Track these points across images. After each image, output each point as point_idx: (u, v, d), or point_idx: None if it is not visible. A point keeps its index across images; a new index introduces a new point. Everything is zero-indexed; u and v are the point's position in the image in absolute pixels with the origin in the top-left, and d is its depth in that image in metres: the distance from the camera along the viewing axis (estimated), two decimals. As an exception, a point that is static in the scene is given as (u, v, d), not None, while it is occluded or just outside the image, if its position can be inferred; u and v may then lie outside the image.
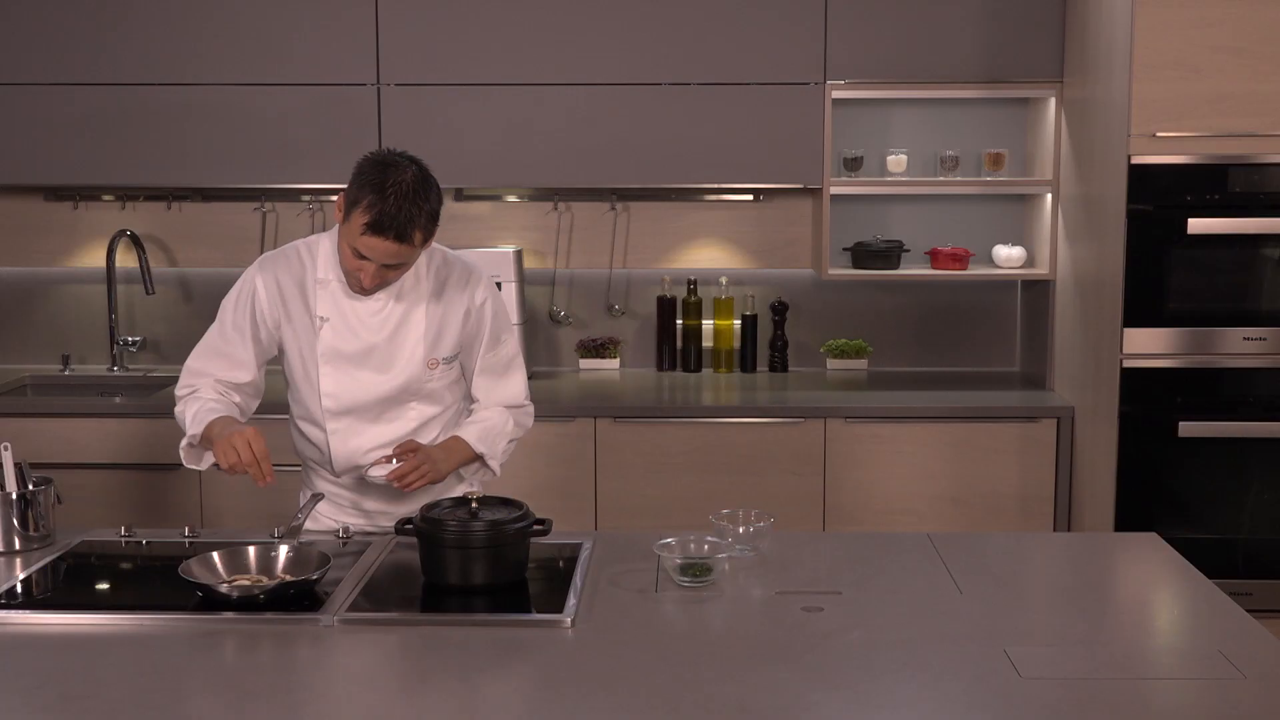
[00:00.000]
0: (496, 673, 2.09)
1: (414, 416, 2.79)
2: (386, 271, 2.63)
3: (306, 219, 4.68)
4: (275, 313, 2.78)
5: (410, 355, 2.75)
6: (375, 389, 2.76)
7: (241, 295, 2.81)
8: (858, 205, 4.61)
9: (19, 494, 2.65)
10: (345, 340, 2.74)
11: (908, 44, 4.24)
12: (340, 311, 2.75)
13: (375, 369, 2.75)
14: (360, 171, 2.60)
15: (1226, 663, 2.12)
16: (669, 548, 2.53)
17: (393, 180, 2.55)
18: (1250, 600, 3.70)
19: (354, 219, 2.57)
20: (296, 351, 2.79)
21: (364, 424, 2.78)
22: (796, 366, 4.72)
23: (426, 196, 2.58)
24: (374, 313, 2.74)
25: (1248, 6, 3.65)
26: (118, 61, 4.30)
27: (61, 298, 4.76)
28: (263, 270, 2.80)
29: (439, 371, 2.78)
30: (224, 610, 2.33)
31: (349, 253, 2.62)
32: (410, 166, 2.59)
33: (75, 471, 4.05)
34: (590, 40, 4.26)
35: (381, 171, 2.57)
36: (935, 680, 2.07)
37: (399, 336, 2.75)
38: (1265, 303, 3.78)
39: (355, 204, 2.56)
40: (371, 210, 2.54)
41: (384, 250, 2.57)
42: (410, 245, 2.58)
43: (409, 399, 2.78)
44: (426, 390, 2.79)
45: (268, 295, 2.78)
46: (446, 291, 2.78)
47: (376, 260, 2.59)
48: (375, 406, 2.77)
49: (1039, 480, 4.12)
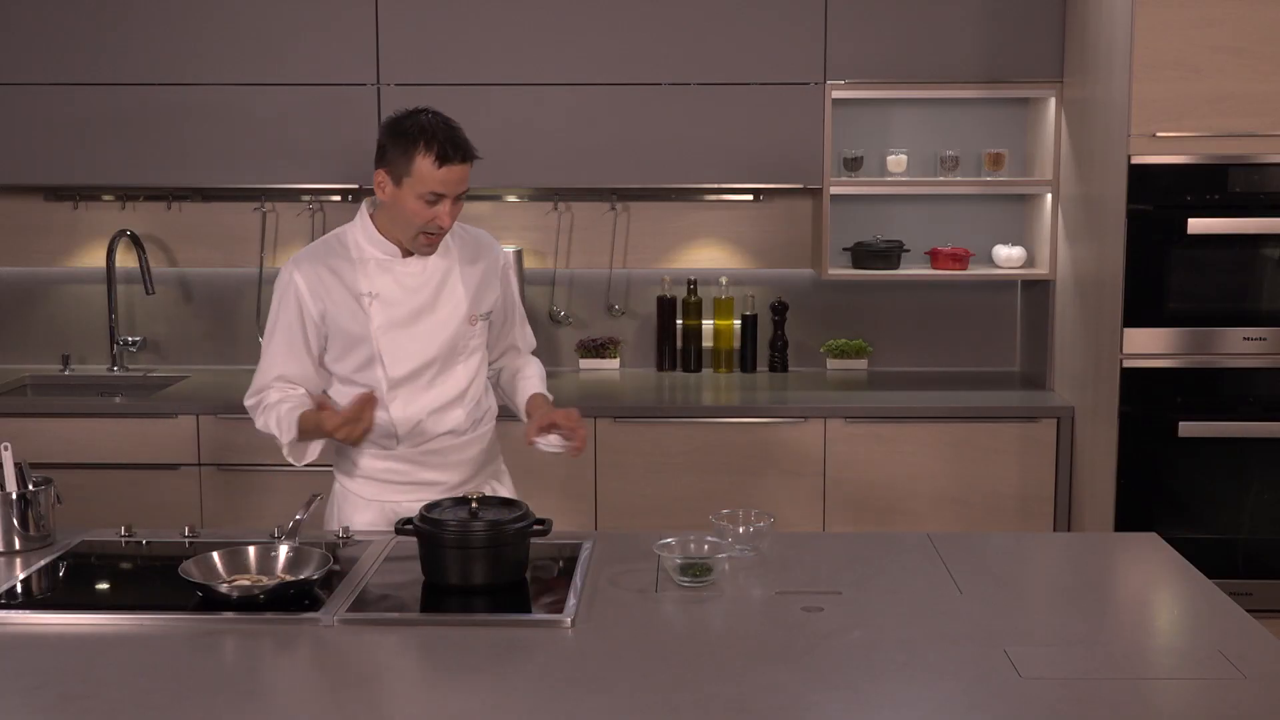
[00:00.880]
0: (496, 673, 2.09)
1: (462, 374, 2.92)
2: (458, 206, 2.78)
3: (306, 219, 4.68)
4: (320, 303, 2.84)
5: (454, 312, 2.88)
6: (428, 350, 2.86)
7: (284, 300, 2.86)
8: (858, 205, 4.61)
9: (19, 494, 2.65)
10: (395, 309, 2.84)
11: (908, 44, 4.24)
12: (385, 284, 2.85)
13: (425, 330, 2.87)
14: (390, 136, 2.73)
15: (1226, 663, 2.12)
16: (669, 548, 2.53)
17: (423, 120, 2.72)
18: (1250, 600, 3.70)
19: (417, 169, 2.70)
20: (346, 334, 2.85)
21: (421, 389, 2.88)
22: (796, 366, 4.72)
23: (456, 123, 2.77)
24: (415, 275, 2.86)
25: (1248, 6, 3.65)
26: (118, 61, 4.30)
27: (61, 298, 4.76)
28: (300, 266, 2.86)
29: (478, 328, 2.93)
30: (224, 610, 2.33)
31: (418, 209, 2.73)
32: (423, 109, 2.75)
33: (75, 471, 4.05)
34: (590, 40, 4.26)
35: (407, 121, 2.73)
36: (935, 680, 2.07)
37: (442, 296, 2.88)
38: (1265, 303, 3.78)
39: (408, 157, 2.70)
40: (431, 147, 2.69)
41: (457, 176, 2.72)
42: (471, 164, 2.76)
43: (456, 357, 2.90)
44: (470, 347, 2.93)
45: (309, 286, 2.84)
46: (473, 252, 2.94)
47: (452, 192, 2.73)
48: (430, 368, 2.87)
49: (1039, 480, 4.12)
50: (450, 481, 2.92)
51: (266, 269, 4.69)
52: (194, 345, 4.76)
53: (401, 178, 2.72)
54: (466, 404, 2.92)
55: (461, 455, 2.93)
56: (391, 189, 2.75)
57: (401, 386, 2.85)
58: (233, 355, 4.75)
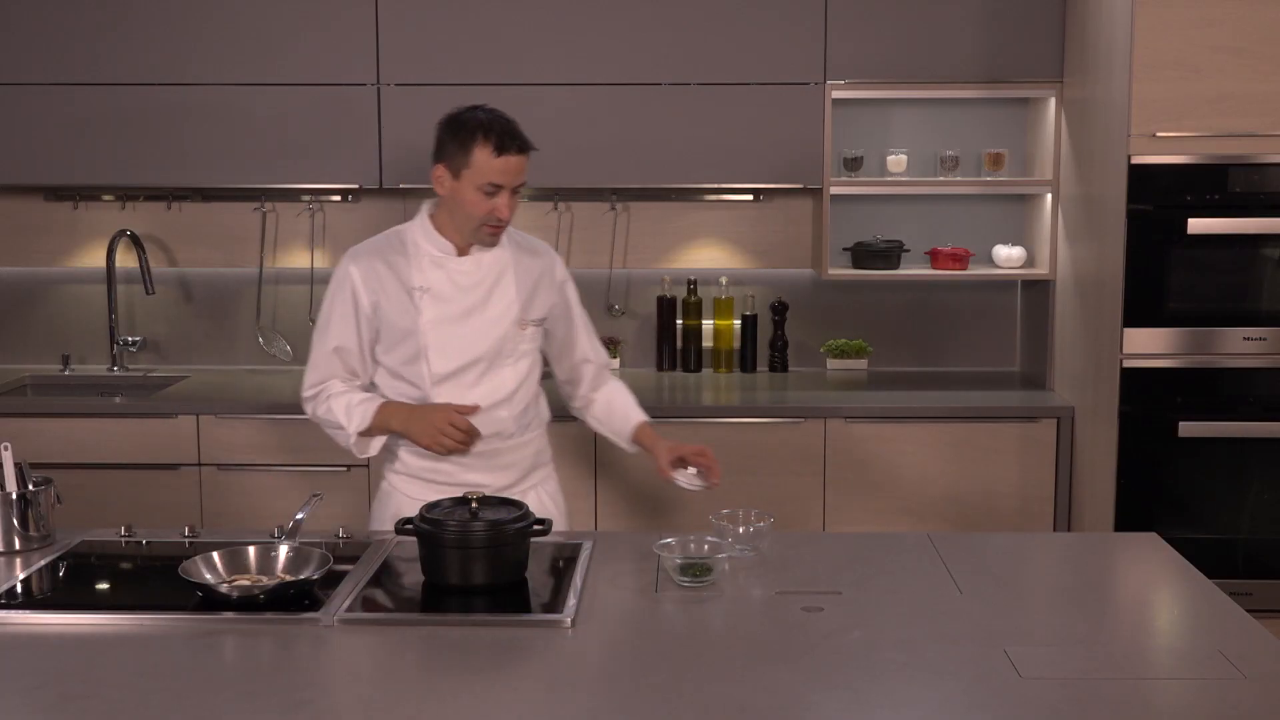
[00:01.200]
0: (496, 673, 2.09)
1: (510, 376, 2.95)
2: (515, 199, 2.85)
3: (306, 219, 4.68)
4: (373, 295, 2.90)
5: (504, 314, 2.92)
6: (475, 349, 2.90)
7: (339, 291, 2.92)
8: (858, 205, 4.61)
9: (19, 494, 2.65)
10: (445, 305, 2.89)
11: (908, 44, 4.24)
12: (437, 280, 2.89)
13: (474, 329, 2.90)
14: (448, 130, 2.82)
15: (1226, 663, 2.12)
16: (669, 548, 2.53)
17: (480, 114, 2.81)
18: (1250, 600, 3.70)
19: (476, 161, 2.77)
20: (396, 327, 2.89)
21: (466, 387, 2.90)
22: (796, 366, 4.72)
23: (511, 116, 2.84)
24: (468, 274, 2.91)
25: (1248, 6, 3.65)
26: (118, 61, 4.30)
27: (61, 298, 4.76)
28: (356, 259, 2.93)
29: (529, 333, 2.97)
30: (224, 610, 2.33)
31: (477, 200, 2.80)
32: (479, 106, 2.84)
33: (75, 471, 4.05)
34: (590, 40, 4.26)
35: (465, 115, 2.81)
36: (935, 680, 2.07)
37: (494, 296, 2.92)
38: (1265, 303, 3.78)
39: (466, 150, 2.77)
40: (489, 139, 2.76)
41: (515, 167, 2.79)
42: (527, 156, 2.82)
43: (503, 359, 2.93)
44: (520, 351, 2.96)
45: (363, 279, 2.90)
46: (531, 259, 3.00)
47: (510, 183, 2.80)
48: (476, 367, 2.91)
49: (1039, 480, 4.12)
50: (495, 484, 2.93)
51: (266, 269, 4.69)
52: (194, 345, 4.76)
53: (460, 170, 2.79)
54: (513, 407, 2.95)
55: (506, 459, 2.96)
56: (450, 182, 2.82)
57: (445, 383, 2.89)
58: (233, 355, 4.75)
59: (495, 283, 2.93)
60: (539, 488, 3.05)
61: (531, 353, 2.99)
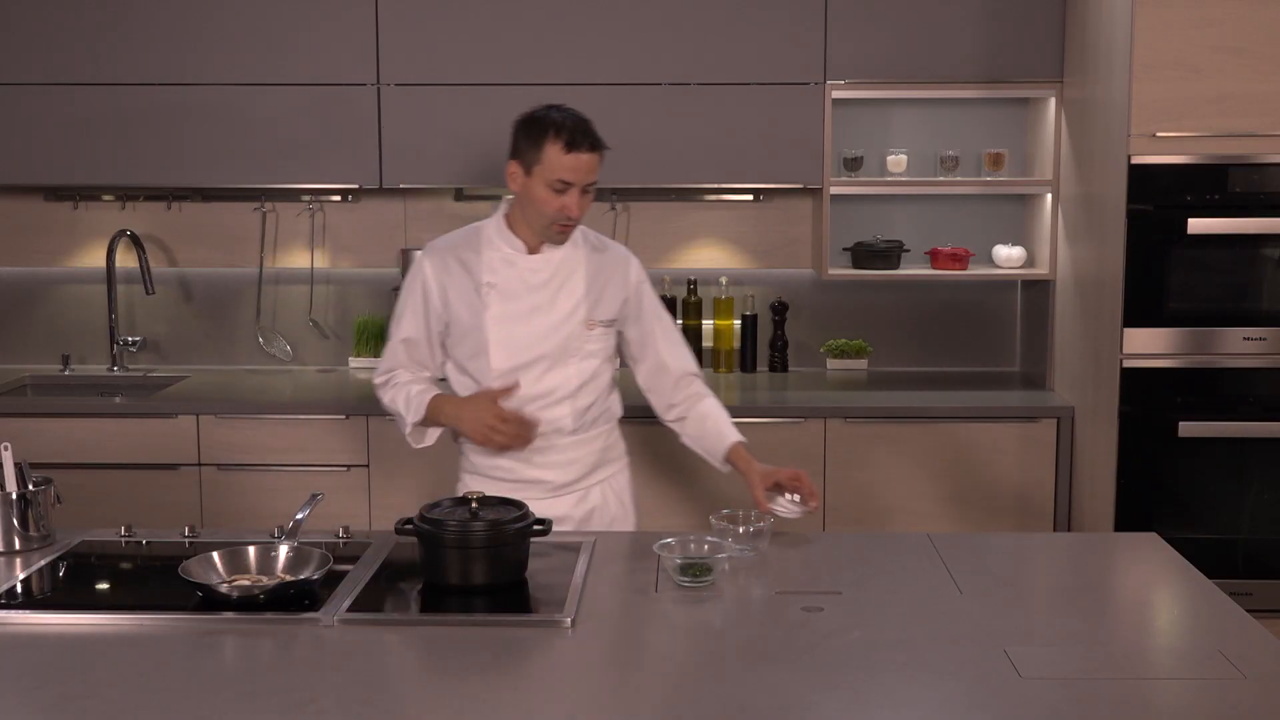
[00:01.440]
0: (496, 673, 2.09)
1: (574, 374, 2.96)
2: (585, 198, 2.86)
3: (306, 219, 4.68)
4: (444, 289, 2.95)
5: (570, 313, 2.94)
6: (538, 347, 2.92)
7: (412, 283, 2.99)
8: (858, 205, 4.61)
9: (19, 494, 2.65)
10: (512, 302, 2.92)
11: (908, 44, 4.24)
12: (506, 276, 2.93)
13: (538, 327, 2.92)
14: (523, 128, 2.85)
15: (1226, 663, 2.12)
16: (669, 548, 2.53)
17: (555, 113, 2.84)
18: (1250, 600, 3.70)
19: (546, 158, 2.80)
20: (462, 321, 2.94)
21: (528, 382, 2.93)
22: (796, 366, 4.72)
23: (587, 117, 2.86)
24: (537, 272, 2.93)
25: (1248, 6, 3.65)
26: (118, 61, 4.30)
27: (61, 298, 4.76)
28: (430, 254, 2.99)
29: (597, 333, 2.97)
30: (224, 610, 2.33)
31: (548, 197, 2.82)
32: (554, 105, 2.87)
33: (75, 471, 4.05)
34: (590, 40, 4.26)
35: (539, 113, 2.85)
36: (935, 680, 2.07)
37: (561, 296, 2.94)
38: (1265, 303, 3.78)
39: (538, 147, 2.81)
40: (560, 136, 2.79)
41: (585, 165, 2.81)
42: (600, 155, 2.85)
43: (568, 357, 2.94)
44: (587, 351, 2.96)
45: (435, 273, 2.95)
46: (602, 260, 3.00)
47: (580, 181, 2.82)
48: (538, 364, 2.93)
49: (1039, 480, 4.12)
50: (555, 481, 2.98)
51: (266, 269, 4.69)
52: (194, 345, 4.76)
53: (532, 166, 2.82)
54: (575, 404, 2.96)
55: (565, 455, 2.98)
56: (522, 179, 2.85)
57: (506, 378, 2.91)
58: (233, 355, 4.75)
59: (564, 282, 2.95)
60: (606, 484, 3.07)
61: (600, 353, 3.00)
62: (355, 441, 4.11)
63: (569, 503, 3.01)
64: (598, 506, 3.05)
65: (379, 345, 4.66)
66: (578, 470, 3.01)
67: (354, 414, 4.11)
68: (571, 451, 2.99)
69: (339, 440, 4.11)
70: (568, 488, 3.00)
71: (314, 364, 4.75)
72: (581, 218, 2.90)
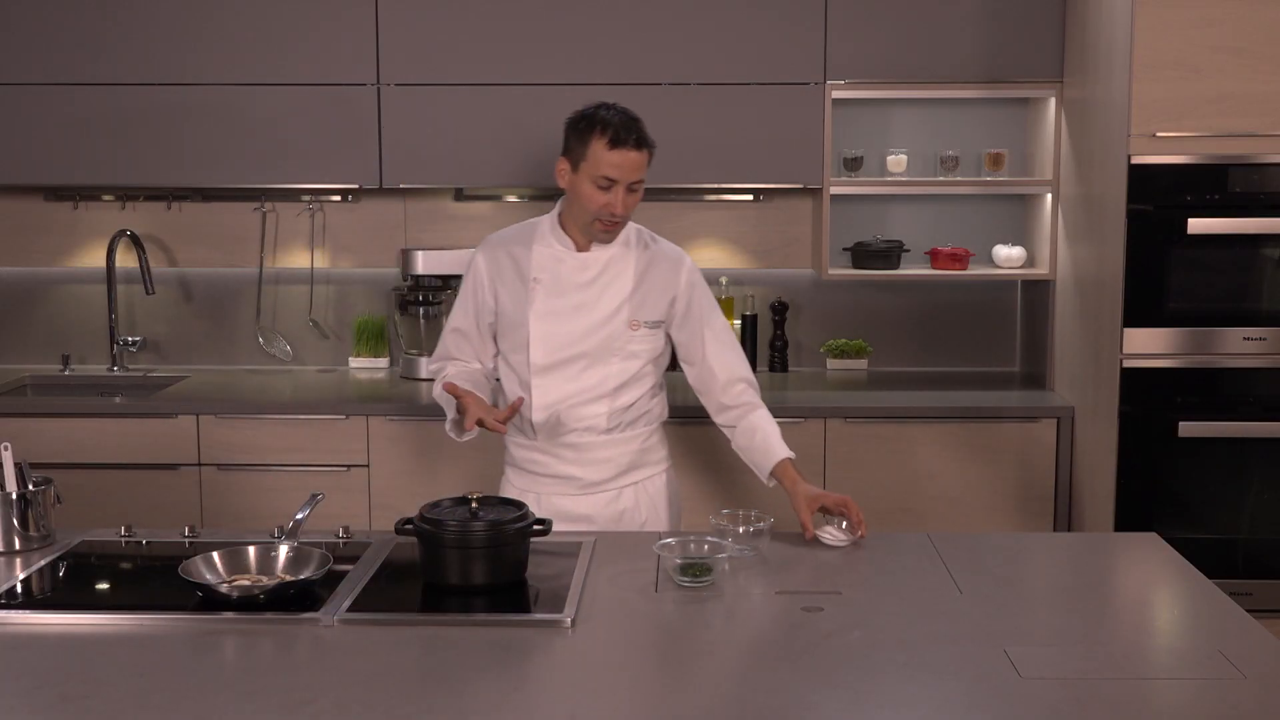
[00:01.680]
0: (496, 673, 2.09)
1: (614, 373, 2.96)
2: (630, 198, 2.87)
3: (306, 219, 4.68)
4: (494, 283, 3.00)
5: (615, 313, 2.95)
6: (579, 344, 2.93)
7: (467, 277, 3.05)
8: (858, 205, 4.61)
9: (19, 494, 2.65)
10: (556, 299, 2.93)
11: (908, 44, 4.24)
12: (553, 271, 2.96)
13: (581, 325, 2.93)
14: (572, 125, 2.89)
15: (1226, 663, 2.12)
16: (669, 548, 2.53)
17: (604, 110, 2.86)
18: (1250, 600, 3.70)
19: (591, 154, 2.83)
20: (509, 315, 2.97)
21: (565, 380, 2.94)
22: (796, 366, 4.72)
23: (637, 116, 2.89)
24: (584, 270, 2.95)
25: (1248, 6, 3.65)
26: (118, 61, 4.30)
27: (61, 298, 4.76)
28: (484, 247, 3.05)
29: (641, 334, 2.97)
30: (224, 610, 2.33)
31: (593, 194, 2.85)
32: (606, 103, 2.89)
33: (75, 471, 4.05)
34: (590, 40, 4.26)
35: (588, 110, 2.87)
36: (935, 680, 2.07)
37: (606, 295, 2.95)
38: (1265, 303, 3.78)
39: (585, 143, 2.84)
40: (606, 133, 2.82)
41: (630, 162, 2.83)
42: (646, 153, 2.86)
43: (610, 356, 2.94)
44: (630, 351, 2.96)
45: (487, 267, 3.01)
46: (652, 260, 3.01)
47: (624, 178, 2.83)
48: (577, 362, 2.94)
49: (1039, 480, 4.12)
50: (585, 478, 2.99)
51: (266, 269, 4.69)
52: (194, 345, 4.76)
53: (578, 162, 2.86)
54: (613, 404, 2.96)
55: (598, 454, 2.99)
56: (570, 175, 2.88)
57: (545, 374, 2.94)
58: (233, 355, 4.75)
59: (611, 281, 2.96)
60: (640, 486, 3.05)
61: (644, 354, 2.99)
62: (355, 441, 4.11)
63: (599, 502, 3.01)
64: (629, 509, 3.03)
65: (379, 345, 4.66)
66: (610, 470, 3.00)
67: (354, 414, 4.11)
68: (604, 450, 2.99)
69: (339, 440, 4.11)
70: (598, 486, 3.00)
71: (314, 364, 4.75)
72: (627, 216, 2.90)
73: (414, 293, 4.47)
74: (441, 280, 4.46)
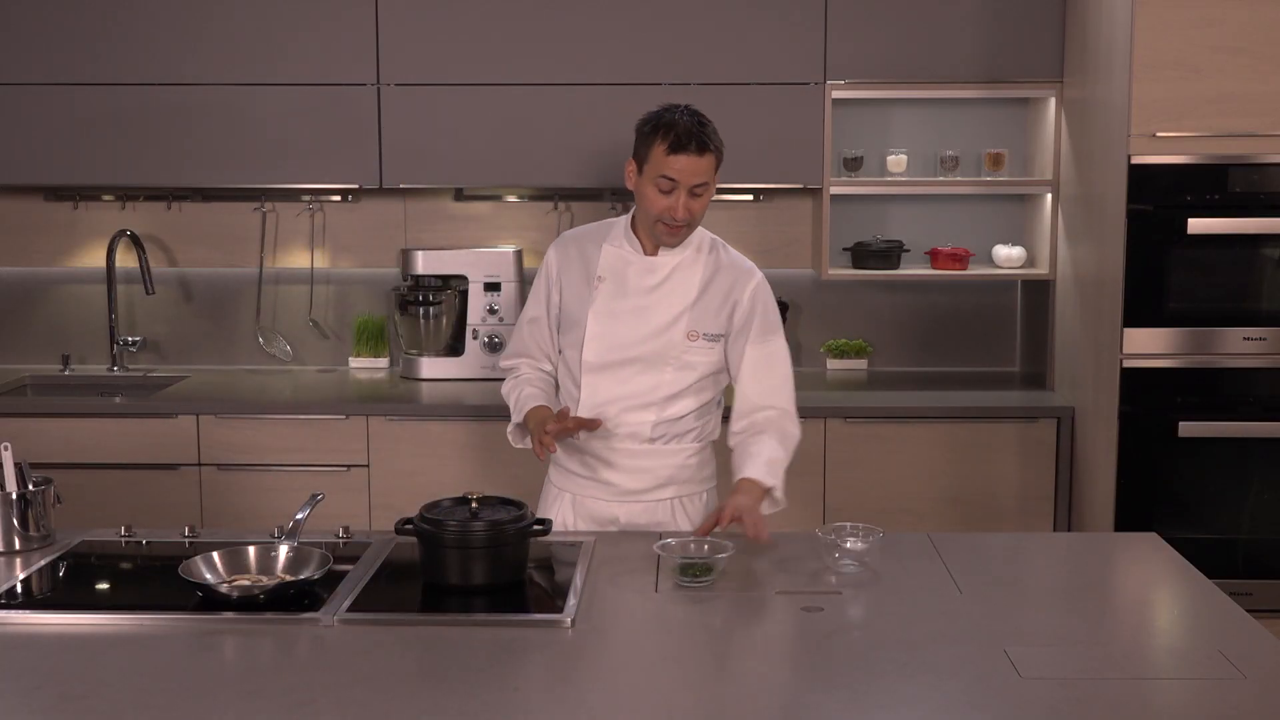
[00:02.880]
0: (496, 673, 2.09)
1: (666, 382, 2.90)
2: (693, 202, 2.81)
3: (306, 219, 4.68)
4: (561, 279, 2.99)
5: (674, 321, 2.89)
6: (633, 348, 2.90)
7: (540, 272, 3.04)
8: (858, 205, 4.61)
9: (19, 494, 2.65)
10: (617, 300, 2.91)
11: (908, 44, 4.24)
12: (619, 272, 2.92)
13: (637, 329, 2.90)
14: (640, 126, 2.84)
15: (1226, 663, 2.12)
16: (669, 548, 2.53)
17: (673, 112, 2.81)
18: (1250, 600, 3.70)
19: (653, 156, 2.79)
20: (570, 311, 2.96)
21: (617, 382, 2.90)
22: (797, 366, 4.65)
23: (708, 120, 2.82)
24: (648, 274, 2.91)
25: (1248, 6, 3.65)
26: (118, 61, 4.30)
27: (61, 298, 4.76)
28: (558, 243, 3.04)
29: (699, 345, 2.91)
30: (224, 610, 2.33)
31: (654, 196, 2.81)
32: (678, 105, 2.83)
33: (75, 471, 4.05)
34: (590, 40, 4.26)
35: (656, 113, 2.83)
36: (935, 680, 2.07)
37: (665, 302, 2.90)
38: (1265, 303, 3.78)
39: (649, 145, 2.80)
40: (668, 135, 2.77)
41: (692, 167, 2.77)
42: (710, 158, 2.79)
43: (663, 365, 2.90)
44: (685, 361, 2.90)
45: (558, 263, 3.00)
46: (720, 271, 2.95)
47: (685, 182, 2.78)
48: (630, 365, 2.90)
49: (1039, 480, 4.12)
50: (622, 486, 2.92)
51: (266, 269, 4.69)
52: (194, 345, 4.76)
53: (643, 164, 2.83)
54: (661, 414, 2.89)
55: (640, 463, 2.91)
56: (635, 177, 2.87)
57: (595, 374, 2.90)
58: (233, 355, 4.75)
59: (674, 289, 2.90)
60: (678, 502, 2.95)
61: (701, 366, 2.90)
62: (355, 441, 4.11)
63: (635, 510, 2.92)
64: (664, 522, 2.93)
65: (379, 345, 4.66)
66: (648, 480, 2.92)
67: (354, 414, 4.11)
68: (645, 460, 2.91)
69: (339, 440, 4.11)
70: (635, 496, 2.92)
71: (314, 364, 4.75)
72: (691, 220, 2.84)
73: (414, 293, 4.47)
74: (441, 280, 4.46)
